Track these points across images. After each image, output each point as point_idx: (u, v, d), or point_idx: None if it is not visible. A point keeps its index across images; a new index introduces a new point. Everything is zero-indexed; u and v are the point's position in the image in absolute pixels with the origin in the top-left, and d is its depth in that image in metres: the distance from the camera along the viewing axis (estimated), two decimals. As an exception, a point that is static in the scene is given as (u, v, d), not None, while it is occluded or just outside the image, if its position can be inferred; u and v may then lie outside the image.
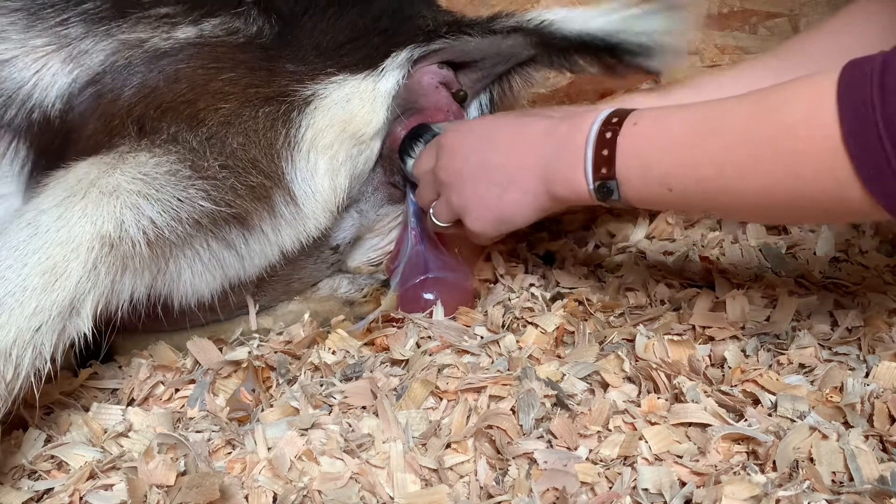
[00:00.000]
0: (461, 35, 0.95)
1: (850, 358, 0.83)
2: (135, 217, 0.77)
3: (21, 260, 0.72)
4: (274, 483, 0.70)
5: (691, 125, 0.72)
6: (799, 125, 0.65)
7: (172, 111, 0.82)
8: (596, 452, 0.71)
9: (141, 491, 0.69)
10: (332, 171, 0.90)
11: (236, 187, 0.83)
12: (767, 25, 1.26)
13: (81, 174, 0.77)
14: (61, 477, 0.74)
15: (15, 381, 0.70)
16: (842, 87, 0.63)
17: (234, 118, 0.84)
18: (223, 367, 0.89)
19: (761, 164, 0.67)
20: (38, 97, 0.83)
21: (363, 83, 0.91)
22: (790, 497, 0.63)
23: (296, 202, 0.88)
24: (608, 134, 0.76)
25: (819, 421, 0.71)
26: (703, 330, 0.89)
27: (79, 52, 0.84)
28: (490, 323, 0.93)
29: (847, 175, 0.63)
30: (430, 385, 0.81)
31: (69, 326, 0.74)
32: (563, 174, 0.80)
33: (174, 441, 0.75)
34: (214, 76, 0.84)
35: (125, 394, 0.87)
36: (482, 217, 0.86)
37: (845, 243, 1.08)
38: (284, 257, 0.91)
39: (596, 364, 0.83)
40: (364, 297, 1.03)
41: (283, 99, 0.87)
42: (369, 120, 0.91)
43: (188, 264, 0.84)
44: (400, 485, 0.69)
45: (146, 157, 0.79)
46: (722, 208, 0.76)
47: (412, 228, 1.00)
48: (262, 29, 0.90)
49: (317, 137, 0.88)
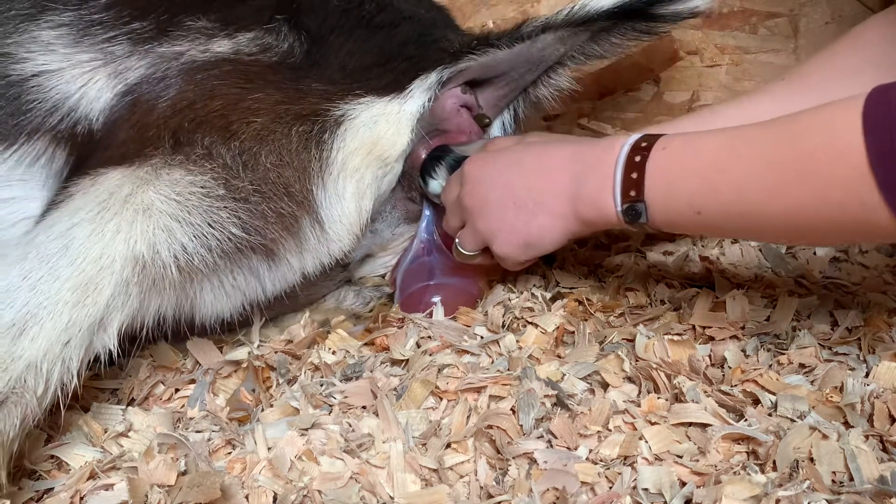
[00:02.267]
0: (489, 49, 0.95)
1: (850, 358, 0.83)
2: (167, 240, 0.77)
3: (53, 273, 0.72)
4: (274, 483, 0.70)
5: (717, 150, 0.74)
6: (824, 151, 0.66)
7: (206, 124, 0.83)
8: (596, 452, 0.71)
9: (142, 490, 0.69)
10: (359, 195, 0.90)
11: (266, 214, 0.83)
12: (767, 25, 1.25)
13: (114, 187, 0.77)
14: (61, 477, 0.74)
15: (45, 397, 0.70)
16: (867, 115, 0.64)
17: (266, 133, 0.84)
18: (223, 367, 0.89)
19: (786, 191, 0.68)
20: (84, 110, 0.84)
21: (389, 105, 0.91)
22: (790, 497, 0.63)
23: (322, 227, 0.88)
24: (637, 158, 0.77)
25: (819, 421, 0.71)
26: (703, 330, 0.89)
27: (123, 68, 0.85)
28: (490, 323, 0.93)
29: (874, 200, 0.64)
30: (430, 385, 0.81)
31: (96, 342, 0.74)
32: (591, 196, 0.80)
33: (174, 441, 0.76)
34: (246, 95, 0.85)
35: (125, 394, 0.87)
36: (510, 242, 0.87)
37: (845, 243, 1.08)
38: (304, 279, 0.91)
39: (596, 364, 0.83)
40: (370, 311, 1.03)
41: (314, 118, 0.87)
42: (394, 142, 0.91)
43: (212, 290, 0.85)
44: (400, 485, 0.69)
45: (180, 175, 0.79)
46: (748, 231, 0.78)
47: (421, 241, 1.01)
48: (292, 46, 0.90)
49: (347, 160, 0.88)
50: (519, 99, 1.05)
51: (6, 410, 0.68)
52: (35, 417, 0.70)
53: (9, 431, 0.68)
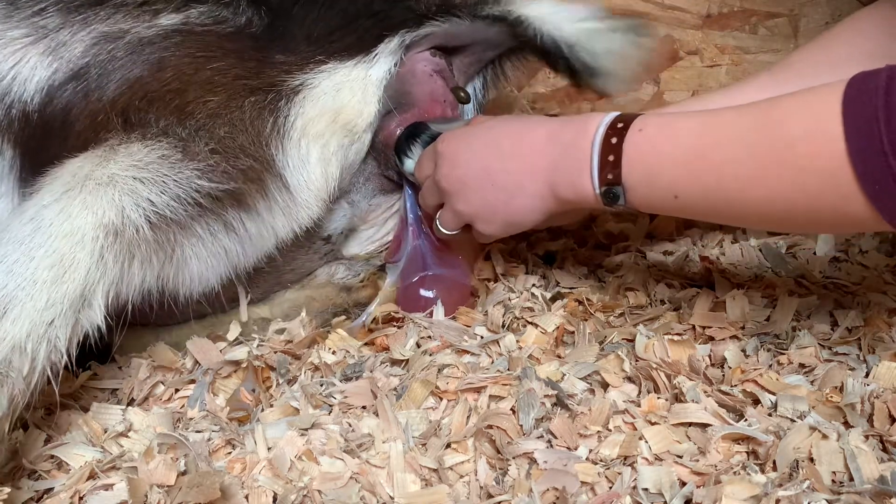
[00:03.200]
0: (450, 17, 0.94)
1: (850, 358, 0.83)
2: (134, 201, 0.76)
3: (28, 254, 0.72)
4: (274, 483, 0.70)
5: (696, 135, 0.73)
6: (802, 140, 0.65)
7: (159, 101, 0.82)
8: (596, 452, 0.71)
9: (142, 490, 0.69)
10: (324, 161, 0.89)
11: (228, 171, 0.82)
12: (767, 25, 1.26)
13: (75, 169, 0.77)
14: (61, 477, 0.74)
15: (32, 375, 0.70)
16: (847, 103, 0.63)
17: (221, 110, 0.83)
18: (223, 366, 0.89)
19: (764, 177, 0.68)
20: (17, 91, 0.82)
21: (354, 71, 0.90)
22: (790, 497, 0.63)
23: (289, 190, 0.87)
24: (614, 139, 0.76)
25: (819, 421, 0.71)
26: (703, 330, 0.89)
27: (57, 43, 0.83)
28: (490, 323, 0.93)
29: (852, 190, 0.63)
30: (430, 385, 0.81)
31: (82, 318, 0.73)
32: (569, 179, 0.80)
33: (174, 441, 0.75)
34: (203, 65, 0.84)
35: (125, 394, 0.87)
36: (492, 222, 0.87)
37: (845, 243, 1.08)
38: (279, 248, 0.90)
39: (596, 364, 0.83)
40: (361, 282, 1.02)
41: (269, 89, 0.86)
42: (360, 111, 0.90)
43: (193, 250, 0.83)
44: (400, 485, 0.69)
45: (137, 148, 0.79)
46: (726, 217, 0.77)
47: (410, 224, 1.00)
48: (251, 19, 0.89)
49: (307, 126, 0.87)
50: (487, 68, 1.04)
51: None
52: (24, 397, 0.70)
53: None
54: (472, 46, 1.00)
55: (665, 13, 1.29)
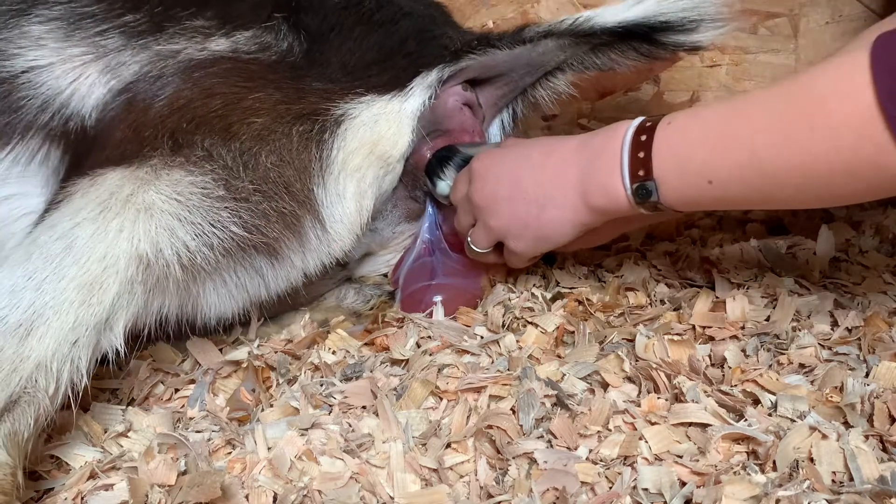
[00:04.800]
0: (489, 49, 0.95)
1: (850, 358, 0.83)
2: (169, 239, 0.77)
3: (58, 273, 0.72)
4: (274, 483, 0.70)
5: (723, 114, 0.73)
6: (832, 96, 0.65)
7: (206, 124, 0.82)
8: (596, 452, 0.71)
9: (142, 490, 0.69)
10: (360, 195, 0.90)
11: (268, 213, 0.83)
12: (767, 25, 1.26)
13: (114, 188, 0.77)
14: (61, 477, 0.74)
15: (56, 396, 0.70)
16: (875, 53, 0.63)
17: (266, 133, 0.84)
18: (223, 367, 0.89)
19: (796, 142, 0.67)
20: (76, 106, 0.84)
21: (390, 104, 0.91)
22: (790, 497, 0.63)
23: (323, 227, 0.88)
24: (643, 137, 0.77)
25: (819, 421, 0.71)
26: (703, 330, 0.89)
27: (116, 63, 0.85)
28: (490, 323, 0.93)
29: (885, 139, 0.63)
30: (430, 385, 0.81)
31: (103, 341, 0.74)
32: (599, 182, 0.80)
33: (174, 441, 0.75)
34: (246, 94, 0.85)
35: (125, 394, 0.87)
36: (523, 237, 0.87)
37: (845, 243, 1.08)
38: (307, 279, 0.91)
39: (596, 364, 0.83)
40: (370, 309, 1.03)
41: (315, 118, 0.87)
42: (396, 142, 0.91)
43: (215, 289, 0.85)
44: (400, 485, 0.69)
45: (180, 176, 0.79)
46: (763, 194, 0.75)
47: (423, 242, 1.01)
48: (292, 45, 0.90)
49: (347, 160, 0.88)
50: (518, 99, 1.05)
51: (20, 410, 0.68)
52: (48, 416, 0.70)
53: (24, 431, 0.68)
54: (508, 74, 1.01)
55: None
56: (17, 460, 0.68)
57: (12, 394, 0.67)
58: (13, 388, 0.67)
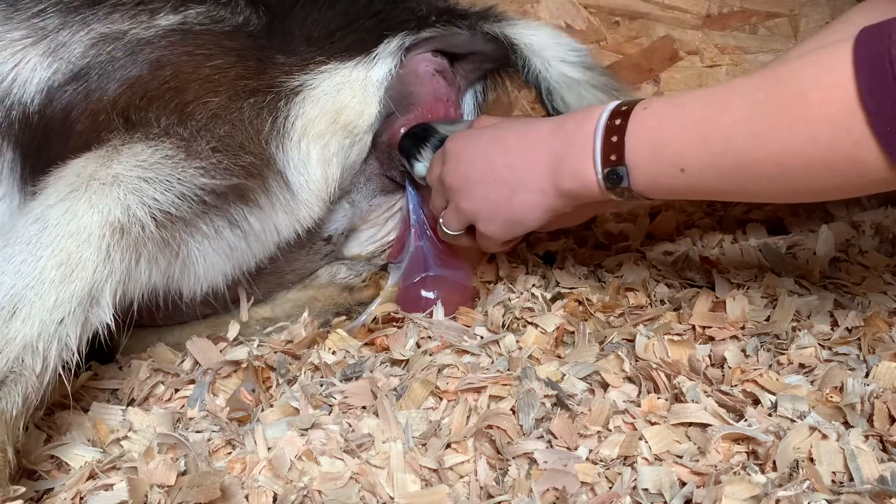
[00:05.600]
0: (451, 26, 0.94)
1: (850, 358, 0.83)
2: (139, 199, 0.77)
3: (35, 253, 0.72)
4: (274, 483, 0.70)
5: (702, 103, 0.72)
6: (813, 88, 0.65)
7: (159, 100, 0.82)
8: (596, 452, 0.71)
9: (142, 490, 0.69)
10: (324, 162, 0.90)
11: (230, 167, 0.83)
12: (767, 25, 1.26)
13: (79, 169, 0.78)
14: (61, 477, 0.74)
15: (45, 374, 0.70)
16: (857, 47, 0.63)
17: (221, 111, 0.84)
18: (223, 367, 0.89)
19: (775, 133, 0.67)
20: (17, 93, 0.83)
21: (354, 72, 0.90)
22: (790, 497, 0.63)
23: (290, 189, 0.88)
24: (618, 120, 0.76)
25: (819, 421, 0.71)
26: (703, 330, 0.89)
27: (57, 44, 0.83)
28: (490, 323, 0.93)
29: (863, 135, 0.62)
30: (430, 385, 0.81)
31: (91, 317, 0.74)
32: (571, 166, 0.79)
33: (174, 441, 0.75)
34: (202, 62, 0.84)
35: (125, 394, 0.87)
36: (493, 220, 0.86)
37: (845, 243, 1.07)
38: (281, 248, 0.91)
39: (596, 364, 0.83)
40: (363, 282, 1.03)
41: (268, 90, 0.87)
42: (361, 111, 0.91)
43: (198, 248, 0.84)
44: (400, 485, 0.69)
45: (140, 149, 0.79)
46: (736, 186, 0.73)
47: (412, 225, 1.00)
48: (248, 19, 0.90)
49: (307, 127, 0.88)
50: (487, 77, 1.05)
51: (6, 389, 0.69)
52: (37, 395, 0.71)
53: (11, 409, 0.69)
54: (471, 55, 1.00)
55: (665, 13, 1.30)
56: (7, 438, 0.68)
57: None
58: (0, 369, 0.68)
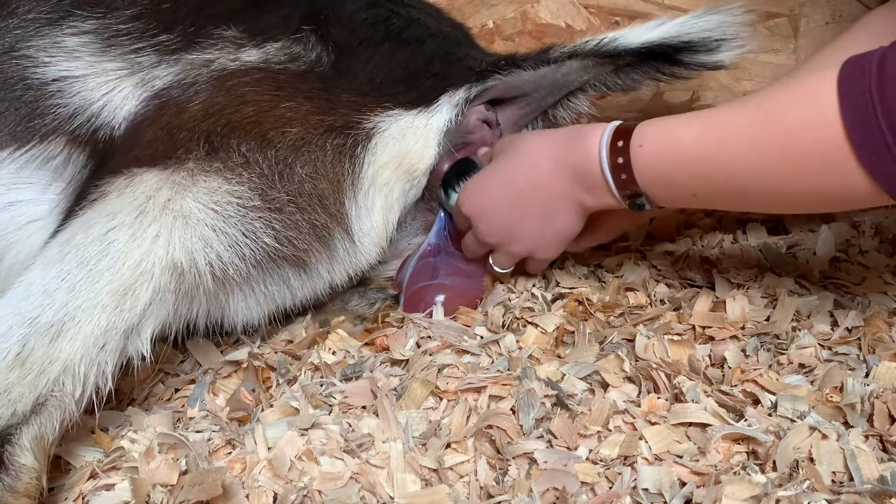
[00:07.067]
0: (514, 69, 0.97)
1: (850, 358, 0.83)
2: (204, 250, 0.77)
3: (92, 276, 0.72)
4: (274, 483, 0.70)
5: (697, 141, 0.77)
6: (801, 129, 0.68)
7: (240, 130, 0.83)
8: (596, 452, 0.71)
9: (144, 490, 0.69)
10: (387, 209, 0.92)
11: (300, 225, 0.84)
12: (767, 25, 1.25)
13: (151, 191, 0.77)
14: (62, 477, 0.74)
15: (81, 399, 0.70)
16: (842, 81, 0.66)
17: (301, 144, 0.85)
18: (223, 367, 0.89)
19: (770, 167, 0.71)
20: (107, 117, 0.85)
21: (417, 119, 0.93)
22: (790, 497, 0.63)
23: (352, 240, 0.89)
24: (620, 159, 0.81)
25: (819, 421, 0.71)
26: (703, 330, 0.89)
27: (151, 77, 0.87)
28: (490, 323, 0.93)
29: (852, 167, 0.66)
30: (430, 385, 0.81)
31: (129, 346, 0.74)
32: (593, 198, 0.86)
33: (174, 441, 0.76)
34: (279, 103, 0.86)
35: (125, 394, 0.87)
36: (548, 248, 0.95)
37: (845, 243, 1.08)
38: (332, 290, 0.92)
39: (596, 364, 0.83)
40: (374, 312, 1.03)
41: (347, 131, 0.88)
42: (422, 155, 0.93)
43: (243, 298, 0.86)
44: (400, 485, 0.69)
45: (218, 184, 0.79)
46: (743, 203, 0.82)
47: (429, 244, 1.02)
48: (320, 56, 0.92)
49: (376, 175, 0.90)
50: (538, 119, 1.07)
51: (47, 413, 0.68)
52: (72, 420, 0.70)
53: (49, 435, 0.68)
54: (531, 94, 1.02)
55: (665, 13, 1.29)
56: (43, 465, 0.68)
57: (39, 395, 0.67)
58: (40, 391, 0.67)
